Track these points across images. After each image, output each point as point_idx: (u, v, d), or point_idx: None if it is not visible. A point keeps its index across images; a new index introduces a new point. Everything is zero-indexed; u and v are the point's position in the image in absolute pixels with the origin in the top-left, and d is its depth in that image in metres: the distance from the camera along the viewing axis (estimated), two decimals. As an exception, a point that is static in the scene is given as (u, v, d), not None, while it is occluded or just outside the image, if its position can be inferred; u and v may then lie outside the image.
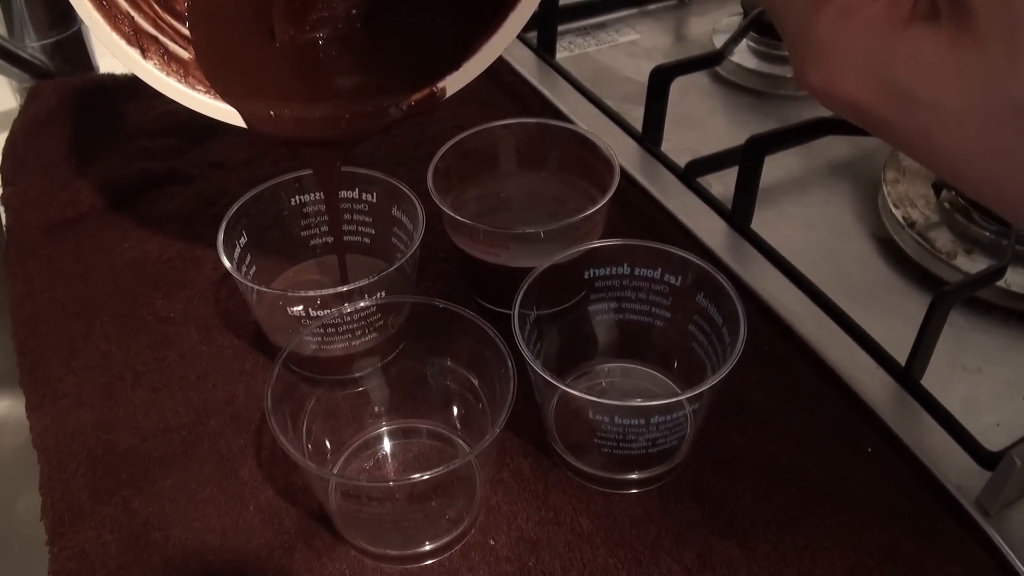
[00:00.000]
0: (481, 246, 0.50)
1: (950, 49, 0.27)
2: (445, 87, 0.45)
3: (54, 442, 0.48)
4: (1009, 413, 0.50)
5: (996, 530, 0.43)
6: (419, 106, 0.45)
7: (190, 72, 0.45)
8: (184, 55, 0.45)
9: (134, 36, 0.43)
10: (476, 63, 0.44)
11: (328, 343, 0.45)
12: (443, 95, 0.45)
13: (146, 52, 0.43)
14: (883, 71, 0.28)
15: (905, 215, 0.59)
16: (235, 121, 0.45)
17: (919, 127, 0.28)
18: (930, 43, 0.27)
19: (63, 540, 0.44)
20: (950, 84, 0.27)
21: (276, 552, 0.43)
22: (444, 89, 0.45)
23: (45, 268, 0.58)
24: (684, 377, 0.48)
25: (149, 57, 0.44)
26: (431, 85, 0.45)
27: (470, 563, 0.42)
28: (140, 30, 0.43)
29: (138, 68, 0.44)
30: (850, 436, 0.47)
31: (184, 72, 0.45)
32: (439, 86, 0.45)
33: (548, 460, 0.46)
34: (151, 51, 0.44)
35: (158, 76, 0.44)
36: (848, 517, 0.44)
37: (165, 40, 0.44)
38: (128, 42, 0.43)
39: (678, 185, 0.64)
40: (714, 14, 0.86)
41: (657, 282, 0.47)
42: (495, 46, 0.44)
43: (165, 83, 0.44)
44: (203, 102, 0.45)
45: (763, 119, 0.73)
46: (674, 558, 0.42)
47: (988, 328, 0.55)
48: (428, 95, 0.45)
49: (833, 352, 0.51)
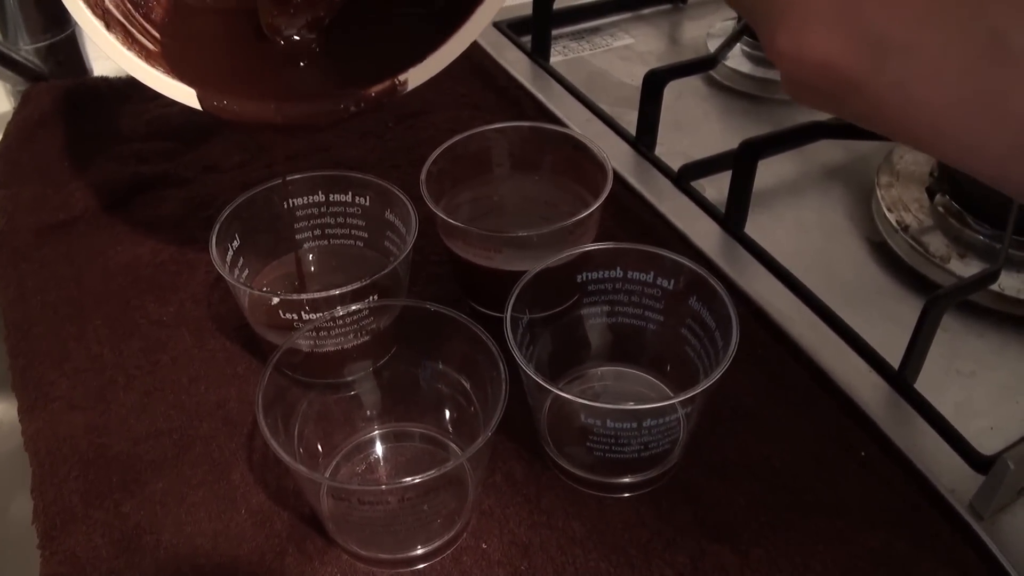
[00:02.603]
0: (474, 249, 0.50)
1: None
2: (407, 79, 0.44)
3: (46, 445, 0.48)
4: (1003, 417, 0.50)
5: (989, 534, 0.43)
6: (379, 97, 0.44)
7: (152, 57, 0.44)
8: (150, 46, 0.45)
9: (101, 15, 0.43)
10: (440, 57, 0.44)
11: (320, 346, 0.45)
12: (404, 87, 0.44)
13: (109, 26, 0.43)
14: (853, 17, 0.27)
15: (899, 219, 0.59)
16: (190, 101, 0.44)
17: (893, 79, 0.27)
18: None
19: (54, 544, 0.43)
20: (923, 22, 0.26)
21: (267, 556, 0.43)
22: (406, 82, 0.44)
23: (38, 271, 0.57)
24: (677, 381, 0.48)
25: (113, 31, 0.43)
26: (393, 77, 0.44)
27: (462, 567, 0.42)
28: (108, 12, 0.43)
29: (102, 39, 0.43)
30: (843, 440, 0.47)
31: (146, 56, 0.44)
32: (401, 78, 0.44)
33: (540, 464, 0.46)
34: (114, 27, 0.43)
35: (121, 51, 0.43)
36: (841, 521, 0.44)
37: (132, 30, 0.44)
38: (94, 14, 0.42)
39: (672, 189, 0.64)
40: (708, 18, 0.87)
41: (650, 286, 0.47)
42: (460, 41, 0.43)
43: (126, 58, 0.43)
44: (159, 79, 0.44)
45: (757, 123, 0.73)
46: (667, 562, 0.42)
47: (982, 332, 0.55)
48: (389, 87, 0.44)
49: (826, 356, 0.51)
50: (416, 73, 0.44)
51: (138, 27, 0.45)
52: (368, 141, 0.68)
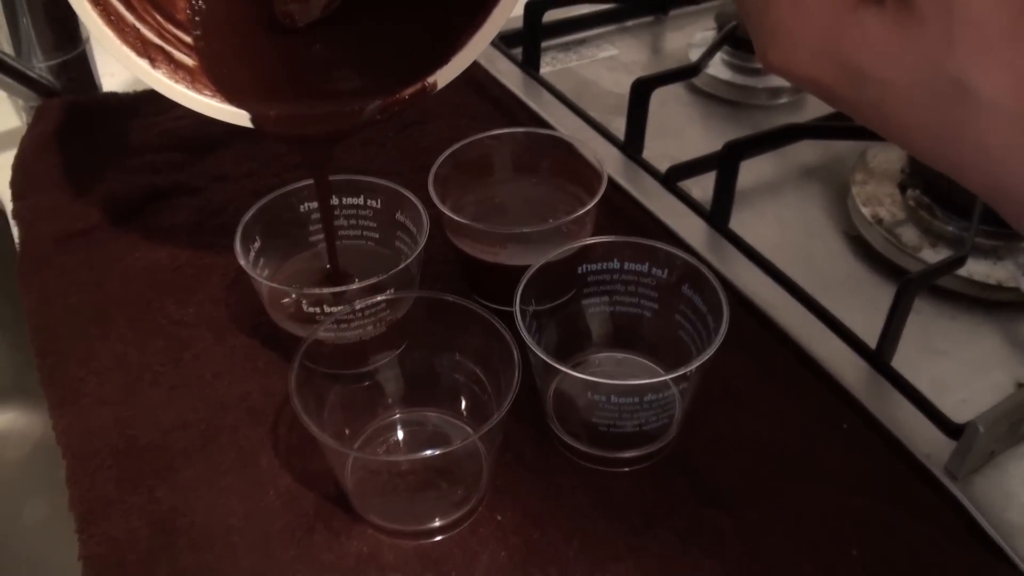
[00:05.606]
0: (480, 246, 0.53)
1: (894, 29, 0.29)
2: (436, 81, 0.47)
3: (78, 439, 0.50)
4: (974, 391, 0.53)
5: (964, 493, 0.47)
6: (412, 99, 0.47)
7: (196, 78, 0.47)
8: (189, 62, 0.47)
9: (142, 47, 0.46)
10: (464, 56, 0.46)
11: (341, 338, 0.48)
12: (434, 88, 0.47)
13: (155, 62, 0.46)
14: (835, 51, 0.31)
15: (873, 213, 0.63)
16: (242, 122, 0.47)
17: (871, 101, 0.31)
18: (876, 24, 0.30)
19: (92, 528, 0.46)
20: (895, 62, 0.30)
21: (297, 533, 0.45)
22: (435, 83, 0.47)
23: (59, 277, 0.60)
24: (672, 364, 0.51)
25: (158, 66, 0.46)
26: (422, 79, 0.47)
27: (479, 537, 0.45)
28: (147, 41, 0.46)
29: (149, 77, 0.46)
30: (827, 414, 0.51)
31: (191, 78, 0.47)
32: (430, 80, 0.47)
33: (548, 444, 0.49)
34: (159, 60, 0.46)
35: (168, 84, 0.46)
36: (827, 487, 0.47)
37: (170, 49, 0.47)
38: (138, 53, 0.45)
39: (660, 189, 0.67)
40: (688, 29, 0.91)
41: (645, 275, 0.51)
42: (482, 39, 0.46)
43: (175, 90, 0.46)
44: (211, 105, 0.47)
45: (737, 127, 0.77)
46: (667, 527, 0.45)
47: (955, 315, 0.59)
48: (420, 89, 0.47)
49: (809, 339, 0.55)
50: (444, 73, 0.47)
51: (171, 39, 0.47)
52: (370, 150, 0.71)
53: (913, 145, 0.32)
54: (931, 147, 0.31)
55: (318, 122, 0.48)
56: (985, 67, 0.29)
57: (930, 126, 0.30)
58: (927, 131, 0.31)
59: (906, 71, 0.30)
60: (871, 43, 0.30)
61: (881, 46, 0.30)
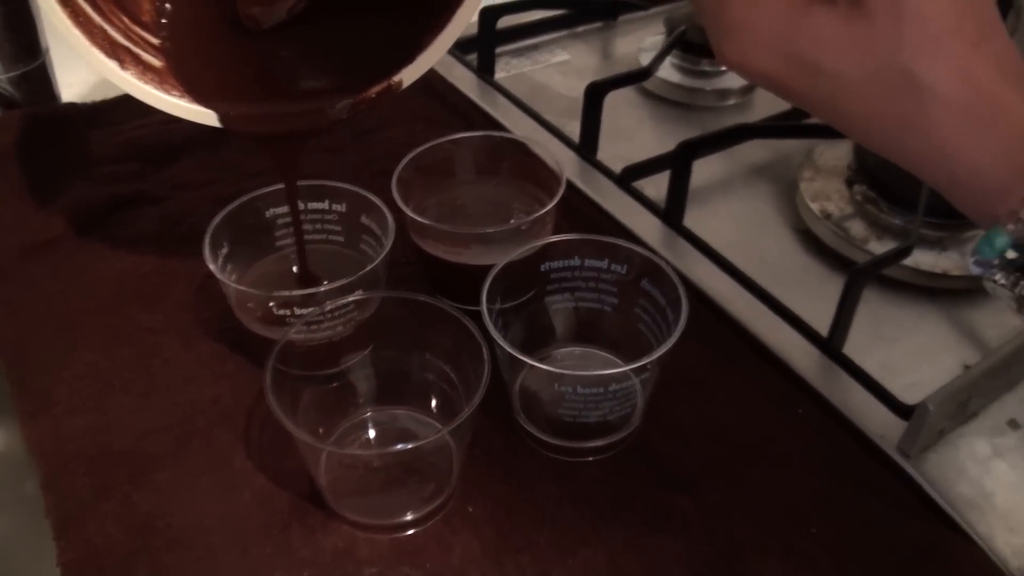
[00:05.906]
0: (444, 247, 0.55)
1: (846, 25, 0.31)
2: (402, 79, 0.48)
3: (52, 447, 0.50)
4: (923, 374, 0.56)
5: (917, 470, 0.49)
6: (379, 97, 0.48)
7: (165, 79, 0.48)
8: (156, 63, 0.48)
9: (111, 48, 0.46)
10: (429, 55, 0.48)
11: (311, 339, 0.49)
12: (400, 87, 0.48)
13: (123, 63, 0.46)
14: (789, 47, 0.32)
15: (822, 208, 0.65)
16: (211, 122, 0.48)
17: (825, 95, 0.32)
18: (829, 21, 0.31)
19: (70, 534, 0.46)
20: (848, 57, 0.31)
21: (273, 531, 0.46)
22: (400, 81, 0.48)
23: (26, 288, 0.60)
24: (633, 357, 0.52)
25: (127, 68, 0.46)
26: (388, 78, 0.48)
27: (453, 528, 0.46)
28: (115, 42, 0.47)
29: (119, 79, 0.46)
30: (783, 400, 0.53)
31: (159, 79, 0.48)
32: (395, 79, 0.48)
33: (516, 437, 0.51)
34: (127, 62, 0.47)
35: (137, 85, 0.47)
36: (786, 469, 0.49)
37: (138, 51, 0.48)
38: (107, 55, 0.46)
39: (615, 189, 0.69)
40: (637, 34, 0.93)
41: (605, 271, 0.52)
42: (447, 38, 0.47)
43: (144, 91, 0.47)
44: (180, 106, 0.47)
45: (687, 128, 0.79)
46: (632, 512, 0.47)
47: (902, 304, 0.61)
48: (386, 87, 0.48)
49: (763, 329, 0.57)
50: (409, 72, 0.48)
51: (139, 41, 0.48)
52: (328, 157, 0.72)
53: (866, 137, 0.33)
54: (884, 139, 0.33)
55: (286, 121, 0.48)
56: (933, 60, 0.30)
57: (882, 118, 0.32)
58: (880, 123, 0.32)
59: (858, 65, 0.31)
60: (824, 38, 0.32)
61: (834, 41, 0.31)
